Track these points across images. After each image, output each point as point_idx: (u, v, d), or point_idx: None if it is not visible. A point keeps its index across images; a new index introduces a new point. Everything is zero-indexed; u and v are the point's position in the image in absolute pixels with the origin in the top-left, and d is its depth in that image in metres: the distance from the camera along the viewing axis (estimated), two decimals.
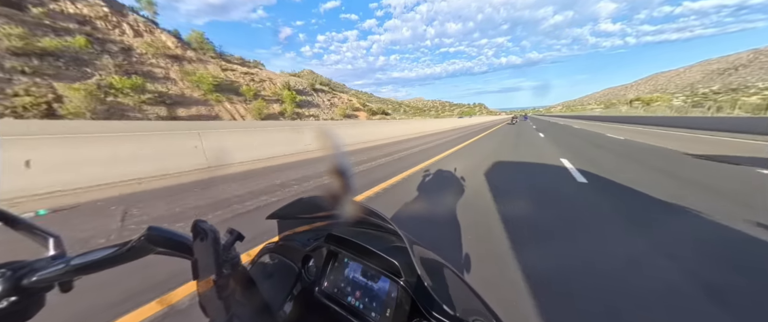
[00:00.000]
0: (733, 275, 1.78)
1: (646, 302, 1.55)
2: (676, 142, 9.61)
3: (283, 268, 0.67)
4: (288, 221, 0.81)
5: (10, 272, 0.33)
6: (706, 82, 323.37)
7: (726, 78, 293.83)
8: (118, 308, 1.43)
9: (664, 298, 1.58)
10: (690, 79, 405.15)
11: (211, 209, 2.92)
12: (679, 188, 3.82)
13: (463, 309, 0.47)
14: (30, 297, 0.34)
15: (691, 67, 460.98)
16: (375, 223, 0.67)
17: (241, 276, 0.45)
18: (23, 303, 0.33)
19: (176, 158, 4.40)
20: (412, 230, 2.26)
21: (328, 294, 0.60)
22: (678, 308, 1.51)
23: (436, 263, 0.61)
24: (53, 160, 3.26)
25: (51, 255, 0.37)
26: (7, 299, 0.32)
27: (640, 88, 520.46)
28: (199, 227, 0.39)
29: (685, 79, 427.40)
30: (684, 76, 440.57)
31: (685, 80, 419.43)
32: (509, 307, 1.51)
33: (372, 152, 7.60)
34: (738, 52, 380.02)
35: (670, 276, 1.76)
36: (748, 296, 1.59)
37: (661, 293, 1.61)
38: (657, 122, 23.32)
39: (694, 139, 10.38)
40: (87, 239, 2.21)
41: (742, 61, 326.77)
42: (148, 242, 0.37)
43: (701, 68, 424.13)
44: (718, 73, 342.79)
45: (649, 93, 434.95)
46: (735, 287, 1.67)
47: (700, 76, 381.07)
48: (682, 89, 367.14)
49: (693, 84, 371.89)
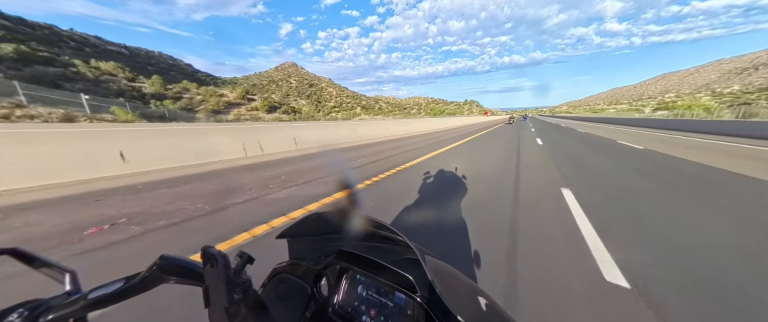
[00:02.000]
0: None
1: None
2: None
3: (294, 289, 0.65)
4: (298, 240, 0.78)
5: (27, 311, 0.33)
6: (723, 82, 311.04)
7: (745, 78, 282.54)
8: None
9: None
10: (704, 79, 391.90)
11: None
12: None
13: (482, 320, 0.47)
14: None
15: (702, 67, 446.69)
16: (385, 236, 0.67)
17: (252, 301, 0.44)
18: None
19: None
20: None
21: (341, 314, 0.57)
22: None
23: (451, 274, 0.60)
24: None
25: (67, 291, 0.37)
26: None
27: (650, 88, 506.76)
28: (209, 253, 0.39)
29: (699, 79, 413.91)
30: (698, 76, 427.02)
31: (699, 80, 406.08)
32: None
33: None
34: (755, 52, 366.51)
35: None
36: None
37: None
38: (708, 129, 16.56)
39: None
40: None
41: (761, 59, 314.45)
42: (161, 272, 0.38)
43: (716, 68, 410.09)
44: (736, 72, 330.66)
45: (661, 93, 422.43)
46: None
47: (716, 76, 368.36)
48: (696, 89, 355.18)
49: (708, 84, 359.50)
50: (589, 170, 5.61)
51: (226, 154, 6.55)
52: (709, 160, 6.30)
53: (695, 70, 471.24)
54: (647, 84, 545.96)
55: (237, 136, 7.11)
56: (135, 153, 5.12)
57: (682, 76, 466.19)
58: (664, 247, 2.31)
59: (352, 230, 0.59)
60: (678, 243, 2.37)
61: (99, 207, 3.26)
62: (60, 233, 2.56)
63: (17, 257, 0.35)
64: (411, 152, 8.15)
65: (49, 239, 2.44)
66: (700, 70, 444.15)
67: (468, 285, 0.58)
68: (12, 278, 1.86)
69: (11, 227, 2.70)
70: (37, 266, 0.37)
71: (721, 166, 5.61)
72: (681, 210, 3.23)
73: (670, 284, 1.80)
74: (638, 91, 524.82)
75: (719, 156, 6.86)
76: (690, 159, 6.50)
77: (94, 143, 4.80)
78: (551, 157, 7.13)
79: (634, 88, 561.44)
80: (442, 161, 6.69)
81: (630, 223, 2.86)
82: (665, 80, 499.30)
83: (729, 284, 1.79)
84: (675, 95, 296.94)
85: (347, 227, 0.58)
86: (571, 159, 6.97)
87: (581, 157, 7.37)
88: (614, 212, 3.18)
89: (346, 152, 8.56)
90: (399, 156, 7.45)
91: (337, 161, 5.74)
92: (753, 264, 2.01)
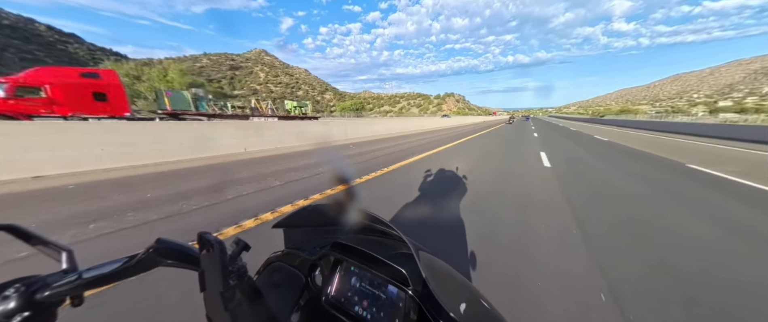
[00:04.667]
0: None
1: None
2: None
3: (289, 277, 0.64)
4: (294, 230, 0.78)
5: (24, 286, 0.33)
6: (750, 82, 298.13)
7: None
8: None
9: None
10: (726, 80, 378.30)
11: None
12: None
13: (473, 317, 0.47)
14: (43, 312, 0.34)
15: (718, 68, 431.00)
16: (381, 230, 0.65)
17: (247, 287, 0.44)
18: (36, 318, 0.33)
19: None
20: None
21: (335, 304, 0.56)
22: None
23: (444, 270, 0.59)
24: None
25: (63, 269, 0.37)
26: (21, 314, 0.32)
27: (664, 89, 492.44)
28: (205, 239, 0.39)
29: (721, 79, 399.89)
30: (719, 77, 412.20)
31: (721, 81, 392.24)
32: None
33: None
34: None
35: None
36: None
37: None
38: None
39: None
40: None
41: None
42: (157, 255, 0.38)
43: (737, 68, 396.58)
44: (763, 72, 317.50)
45: (678, 94, 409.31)
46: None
47: (740, 77, 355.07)
48: (718, 90, 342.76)
49: (732, 85, 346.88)
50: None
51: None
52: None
53: (710, 71, 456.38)
54: (661, 85, 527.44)
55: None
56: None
57: (701, 77, 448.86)
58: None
59: (348, 223, 0.58)
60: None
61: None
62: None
63: (14, 234, 0.34)
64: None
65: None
66: (715, 72, 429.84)
67: (460, 281, 0.58)
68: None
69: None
70: (33, 243, 0.36)
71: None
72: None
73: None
74: (652, 91, 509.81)
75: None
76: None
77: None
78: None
79: (647, 89, 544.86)
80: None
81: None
82: (681, 81, 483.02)
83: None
84: (703, 96, 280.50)
85: (343, 219, 0.58)
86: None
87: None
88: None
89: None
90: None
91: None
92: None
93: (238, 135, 6.89)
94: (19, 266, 1.70)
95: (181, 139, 5.64)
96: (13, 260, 1.75)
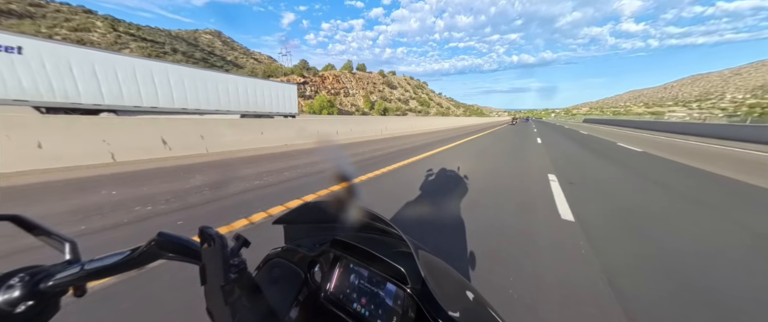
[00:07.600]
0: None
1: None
2: None
3: (288, 273, 0.63)
4: (294, 227, 0.79)
5: (28, 276, 0.33)
6: None
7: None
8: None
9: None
10: (757, 81, 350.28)
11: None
12: None
13: (471, 316, 0.47)
14: (46, 302, 0.34)
15: (738, 69, 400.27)
16: (380, 228, 0.65)
17: (247, 282, 0.44)
18: (40, 307, 0.33)
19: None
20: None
21: (333, 300, 0.57)
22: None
23: (443, 269, 0.60)
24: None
25: (66, 260, 0.37)
26: (25, 303, 0.32)
27: (683, 90, 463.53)
28: (206, 233, 0.40)
29: (749, 80, 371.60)
30: (747, 78, 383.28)
31: (750, 82, 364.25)
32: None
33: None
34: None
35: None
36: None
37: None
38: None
39: None
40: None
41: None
42: (158, 248, 0.38)
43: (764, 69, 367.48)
44: None
45: (700, 96, 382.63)
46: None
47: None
48: (750, 91, 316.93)
49: (764, 86, 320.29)
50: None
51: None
52: None
53: (731, 72, 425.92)
54: (678, 86, 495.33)
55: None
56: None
57: (726, 77, 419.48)
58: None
59: (348, 221, 0.58)
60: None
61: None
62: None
63: (18, 224, 0.34)
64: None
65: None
66: (738, 73, 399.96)
67: (458, 280, 0.58)
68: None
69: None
70: (37, 233, 0.36)
71: None
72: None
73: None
74: (670, 92, 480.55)
75: None
76: None
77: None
78: None
79: (665, 89, 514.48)
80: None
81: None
82: (703, 81, 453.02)
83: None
84: (739, 98, 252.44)
85: (343, 217, 0.58)
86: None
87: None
88: None
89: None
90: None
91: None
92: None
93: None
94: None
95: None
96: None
